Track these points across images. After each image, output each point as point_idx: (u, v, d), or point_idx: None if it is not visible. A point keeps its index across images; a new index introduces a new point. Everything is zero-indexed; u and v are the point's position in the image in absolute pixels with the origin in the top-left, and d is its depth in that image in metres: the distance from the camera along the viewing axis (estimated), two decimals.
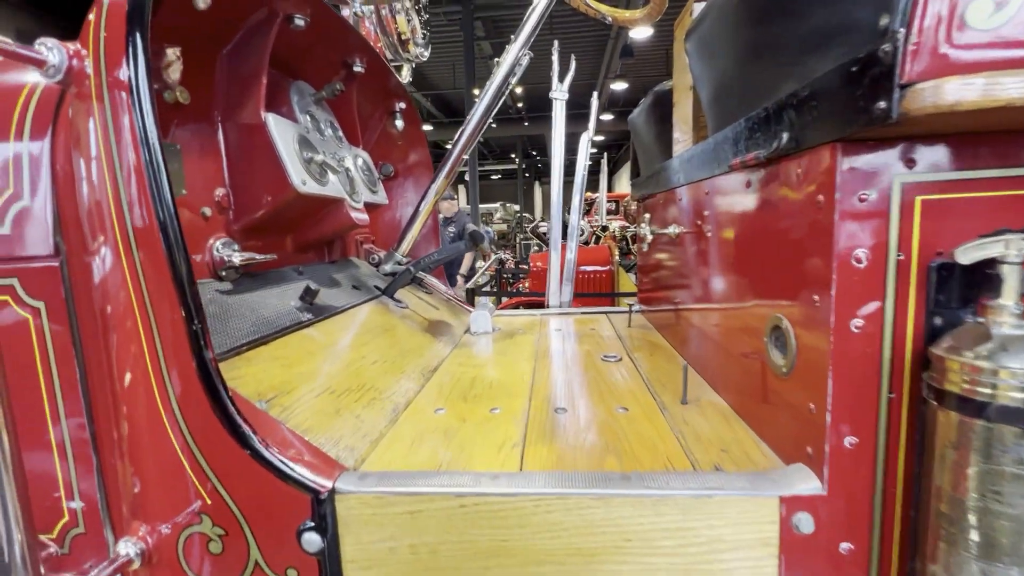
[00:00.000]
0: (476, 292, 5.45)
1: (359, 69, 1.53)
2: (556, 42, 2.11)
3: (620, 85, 14.43)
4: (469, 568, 0.70)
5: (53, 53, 0.68)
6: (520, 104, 17.98)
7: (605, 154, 8.64)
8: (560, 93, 2.10)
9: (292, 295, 1.19)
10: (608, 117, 18.06)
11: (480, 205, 15.30)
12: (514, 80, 1.68)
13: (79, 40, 0.71)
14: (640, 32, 10.48)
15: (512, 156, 28.06)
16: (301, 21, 1.17)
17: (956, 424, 0.55)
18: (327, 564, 0.71)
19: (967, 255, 0.57)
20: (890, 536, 0.66)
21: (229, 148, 1.11)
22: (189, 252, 1.01)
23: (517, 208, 19.24)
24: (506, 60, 1.61)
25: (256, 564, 0.74)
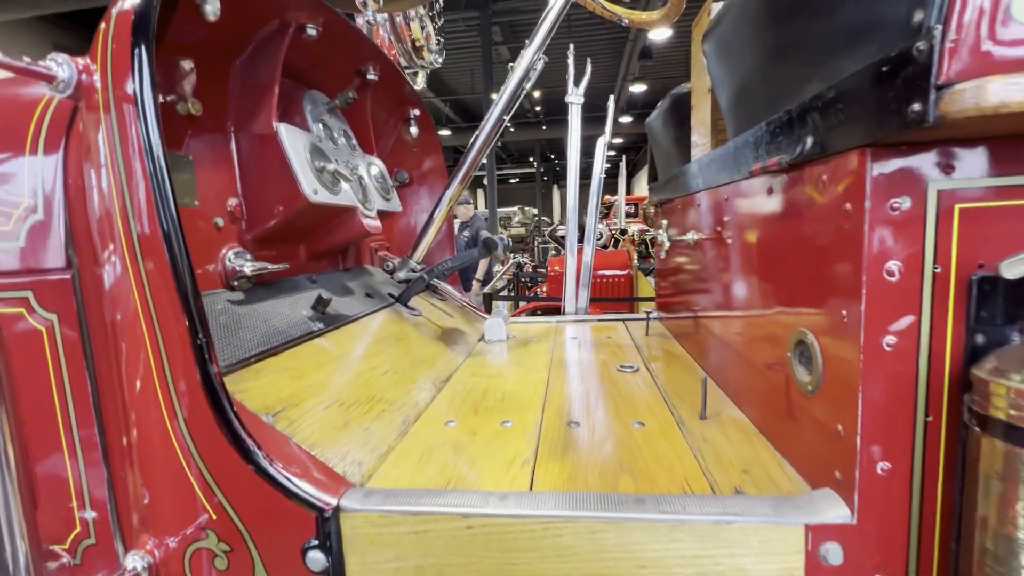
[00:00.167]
0: (493, 296, 5.43)
1: (373, 77, 1.53)
2: (572, 46, 2.09)
3: (639, 87, 14.32)
4: None
5: (63, 68, 0.68)
6: (538, 108, 17.98)
7: (624, 157, 8.55)
8: (576, 97, 2.07)
9: (304, 304, 1.18)
10: (627, 119, 17.93)
11: (498, 209, 15.34)
12: (528, 85, 1.66)
13: (89, 55, 0.72)
14: (659, 33, 10.38)
15: (530, 160, 28.07)
16: (313, 31, 1.17)
17: (1002, 453, 0.51)
18: None
19: (1013, 269, 0.53)
20: (927, 571, 0.61)
21: (242, 158, 1.11)
22: (201, 262, 1.02)
23: (535, 212, 19.21)
24: (520, 65, 1.59)
25: None
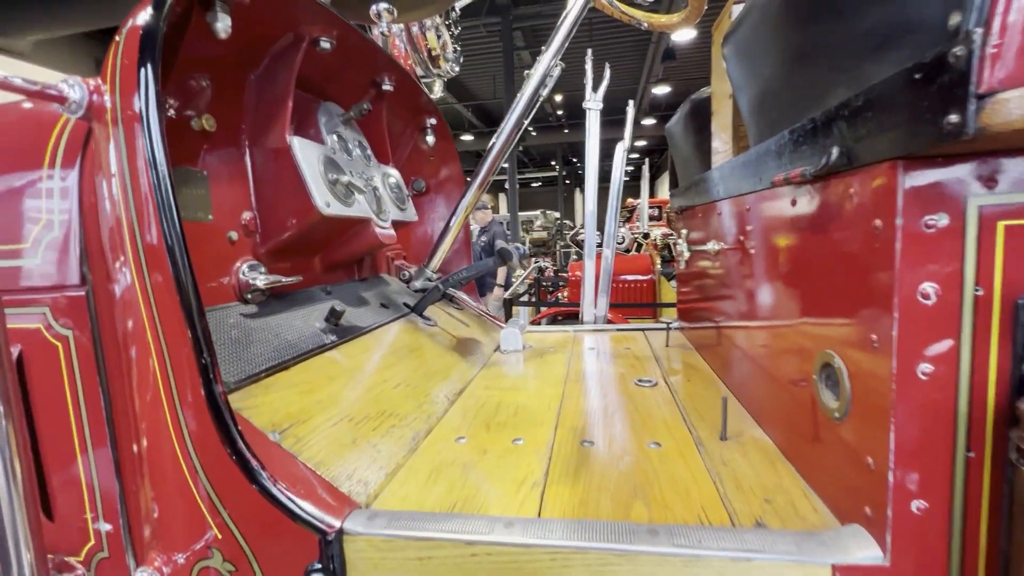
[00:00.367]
0: (514, 302, 5.41)
1: (388, 87, 1.53)
2: (589, 51, 2.06)
3: (662, 89, 14.13)
4: None
5: (74, 89, 0.69)
6: (560, 112, 17.94)
7: (647, 159, 8.43)
8: (594, 103, 2.04)
9: (318, 316, 1.18)
10: (650, 122, 17.73)
11: (520, 213, 15.33)
12: (545, 91, 1.64)
13: (100, 74, 0.72)
14: (683, 34, 10.23)
15: (552, 163, 28.01)
16: (327, 44, 1.18)
17: None
18: None
19: None
20: None
21: (256, 172, 1.12)
22: (214, 276, 1.03)
23: (557, 215, 19.11)
24: (537, 71, 1.57)
25: None
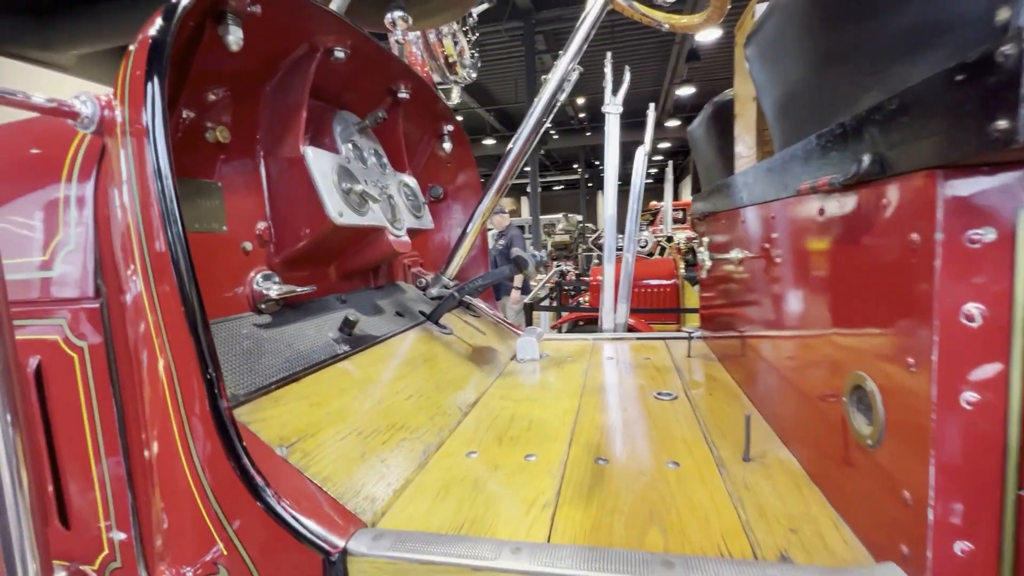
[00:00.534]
0: (534, 306, 5.37)
1: (404, 95, 1.53)
2: (609, 54, 2.02)
3: (687, 90, 13.92)
4: None
5: (86, 105, 0.70)
6: (582, 115, 17.86)
7: (670, 162, 8.30)
8: (614, 107, 2.00)
9: (331, 326, 1.18)
10: (674, 123, 17.49)
11: (542, 216, 15.29)
12: (563, 96, 1.61)
13: (112, 89, 0.73)
14: (707, 34, 10.06)
15: (574, 166, 27.90)
16: (341, 53, 1.18)
17: None
18: None
19: None
20: None
21: (270, 182, 1.12)
22: (229, 287, 1.03)
23: (579, 218, 19.00)
24: (555, 75, 1.54)
25: None
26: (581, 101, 16.00)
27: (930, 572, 0.51)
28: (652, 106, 2.32)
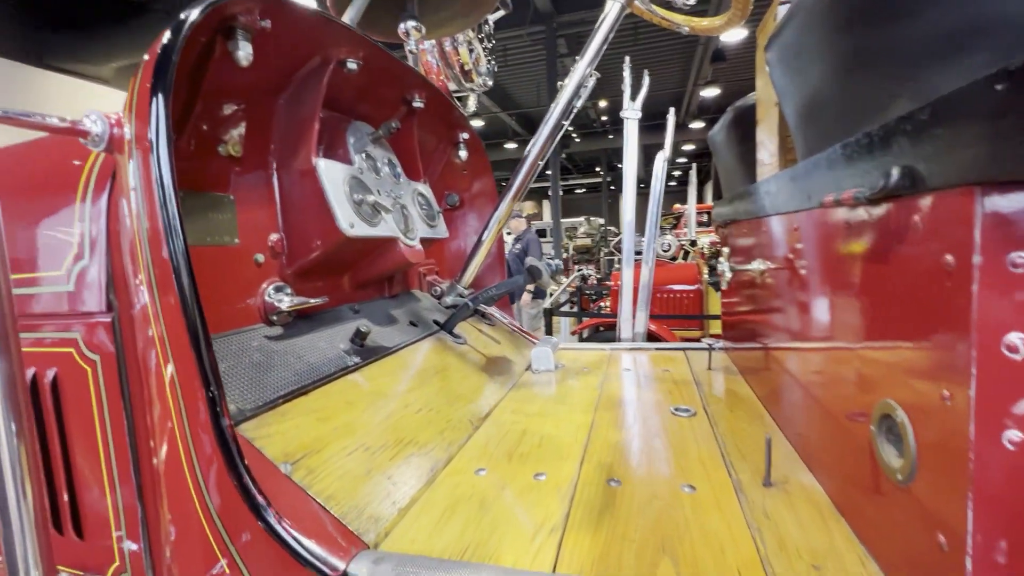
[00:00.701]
0: (554, 312, 5.32)
1: (419, 104, 1.52)
2: (627, 59, 1.98)
3: (712, 91, 13.67)
4: None
5: (96, 124, 0.71)
6: (604, 117, 17.73)
7: (695, 164, 8.14)
8: (632, 112, 1.96)
9: (343, 337, 1.17)
10: (699, 125, 17.20)
11: (564, 219, 15.22)
12: (580, 103, 1.59)
13: (123, 107, 0.74)
14: (733, 34, 9.86)
15: (596, 169, 27.72)
16: (354, 65, 1.18)
17: None
18: None
19: None
20: None
21: (283, 194, 1.13)
22: (240, 299, 1.04)
23: (602, 222, 18.83)
24: (571, 81, 1.52)
25: None
26: (603, 104, 15.88)
27: None
28: (672, 111, 2.27)
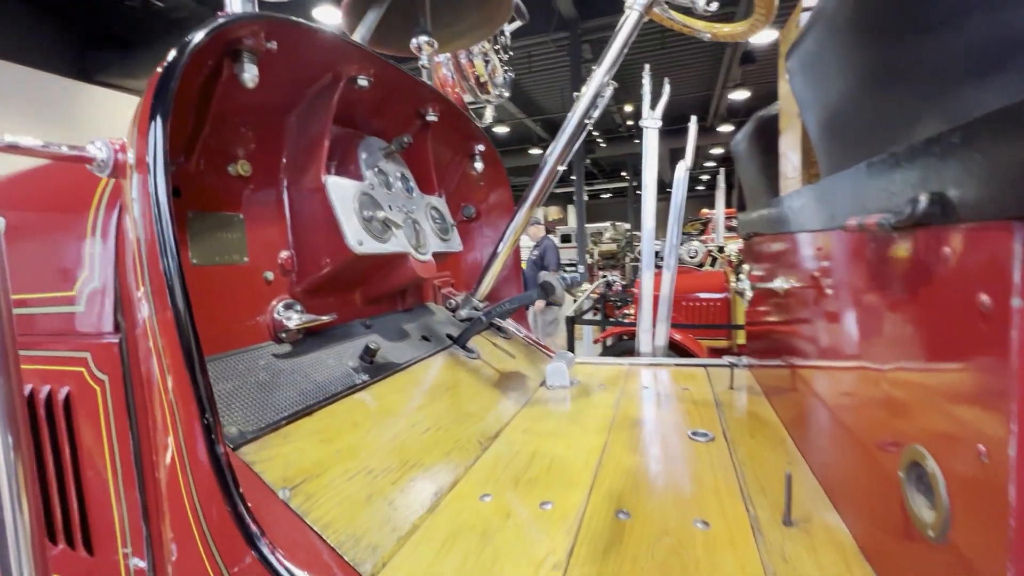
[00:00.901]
0: (576, 320, 5.26)
1: (432, 118, 1.52)
2: (647, 67, 1.94)
3: (741, 94, 13.36)
4: None
5: (101, 150, 0.72)
6: (629, 122, 17.57)
7: (722, 168, 7.96)
8: (651, 121, 1.91)
9: (352, 354, 1.17)
10: (727, 128, 16.85)
11: (588, 224, 15.09)
12: (596, 113, 1.55)
13: (127, 134, 0.75)
14: (762, 36, 9.64)
15: (622, 174, 27.46)
16: (364, 81, 1.18)
17: None
18: None
19: None
20: None
21: (293, 212, 1.13)
22: (250, 316, 1.04)
23: (627, 227, 18.61)
24: (588, 90, 1.49)
25: None
26: (628, 109, 15.74)
27: None
28: (694, 119, 2.21)
